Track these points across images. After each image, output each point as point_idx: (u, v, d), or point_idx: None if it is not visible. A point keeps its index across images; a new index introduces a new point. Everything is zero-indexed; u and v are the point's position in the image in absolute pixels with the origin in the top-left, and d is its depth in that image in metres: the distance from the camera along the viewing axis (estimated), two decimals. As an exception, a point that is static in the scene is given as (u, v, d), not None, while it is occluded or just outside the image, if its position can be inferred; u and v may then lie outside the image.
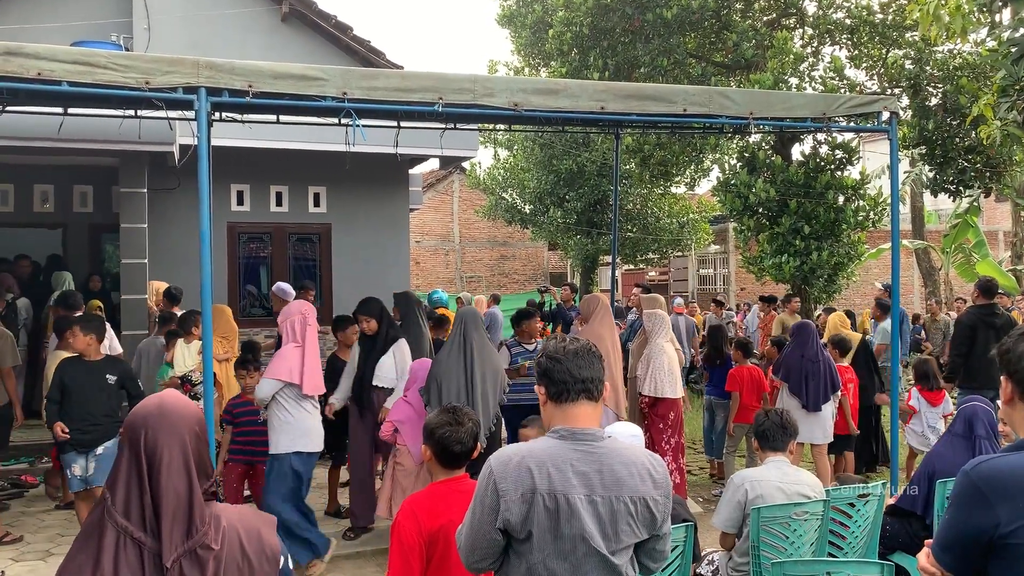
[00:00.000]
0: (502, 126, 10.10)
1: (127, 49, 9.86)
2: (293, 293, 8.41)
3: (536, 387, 2.44)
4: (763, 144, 12.86)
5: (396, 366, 6.18)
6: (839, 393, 7.22)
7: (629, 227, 20.16)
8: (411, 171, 11.94)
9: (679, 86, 8.01)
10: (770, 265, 12.07)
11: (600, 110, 5.36)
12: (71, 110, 6.15)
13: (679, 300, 14.37)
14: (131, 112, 6.37)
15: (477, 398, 5.50)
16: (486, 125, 10.90)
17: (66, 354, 6.25)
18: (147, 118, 6.67)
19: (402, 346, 6.29)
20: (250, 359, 6.51)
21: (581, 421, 2.33)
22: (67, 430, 5.69)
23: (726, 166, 13.84)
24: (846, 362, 7.91)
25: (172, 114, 6.44)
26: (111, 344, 7.29)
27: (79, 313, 7.29)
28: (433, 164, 14.64)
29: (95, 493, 5.68)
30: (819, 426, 6.97)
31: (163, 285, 8.62)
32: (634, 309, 10.96)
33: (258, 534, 1.91)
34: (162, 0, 10.18)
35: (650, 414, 6.70)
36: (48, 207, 10.89)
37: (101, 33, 9.88)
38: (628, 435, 3.37)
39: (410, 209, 11.99)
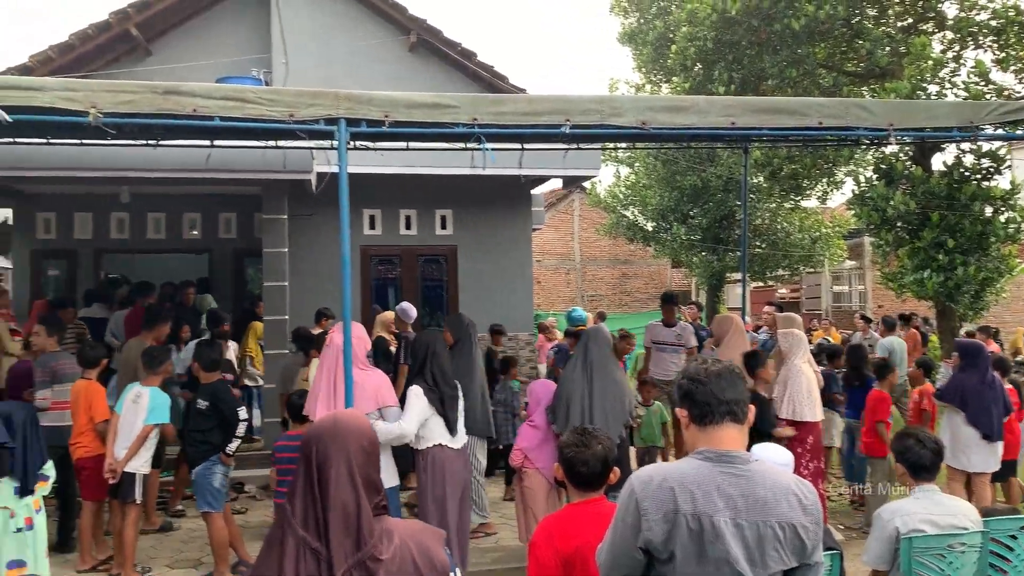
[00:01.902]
0: (623, 144, 10.06)
1: (267, 83, 10.43)
2: (414, 315, 8.58)
3: (677, 410, 2.41)
4: (901, 155, 12.27)
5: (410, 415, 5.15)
6: (1011, 416, 6.77)
7: (757, 243, 19.61)
8: (533, 191, 12.05)
9: (813, 99, 7.76)
10: (911, 281, 11.46)
11: (730, 125, 5.26)
12: (217, 142, 6.52)
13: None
14: (272, 143, 6.74)
15: (596, 418, 5.43)
16: (609, 143, 10.88)
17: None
18: (287, 148, 7.05)
19: (410, 396, 5.17)
20: None
21: (726, 444, 2.29)
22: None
23: (861, 178, 13.26)
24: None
25: (310, 144, 6.78)
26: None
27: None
28: (554, 184, 14.74)
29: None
30: (994, 454, 6.49)
31: (391, 315, 8.78)
32: (764, 328, 10.63)
33: (428, 549, 1.96)
34: (298, 35, 10.72)
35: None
36: (195, 234, 11.61)
37: (243, 68, 10.50)
38: (777, 461, 3.26)
39: (532, 229, 12.10)
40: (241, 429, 5.87)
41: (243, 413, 5.95)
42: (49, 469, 5.18)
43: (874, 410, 7.08)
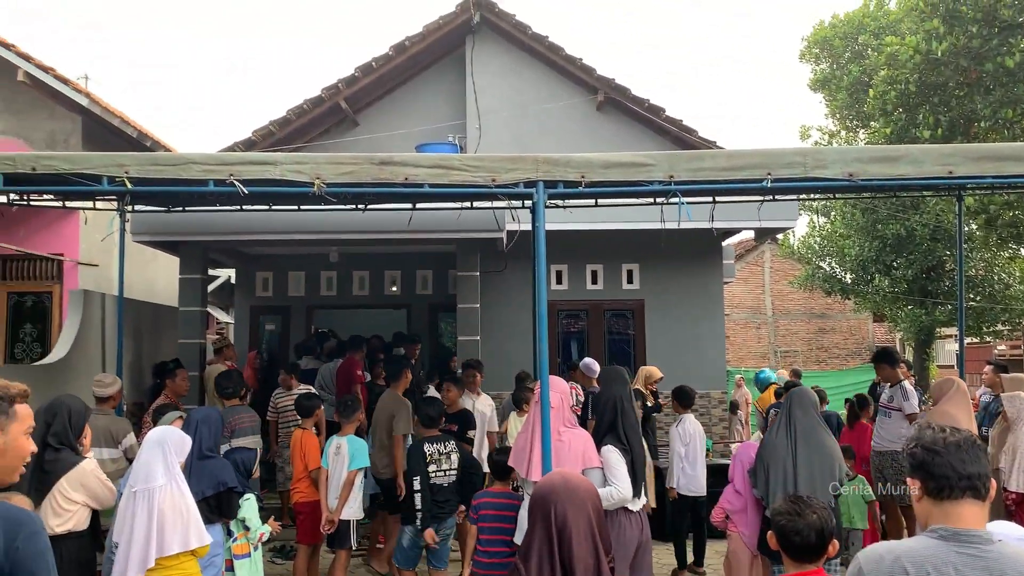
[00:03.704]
0: (818, 195, 9.66)
1: (461, 147, 10.95)
2: (597, 370, 8.53)
3: (910, 480, 2.25)
4: None
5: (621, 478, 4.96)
6: None
7: (972, 295, 18.12)
8: (723, 243, 11.80)
9: (1040, 141, 7.14)
10: None
11: (948, 175, 4.92)
12: (419, 205, 6.88)
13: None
14: (467, 204, 7.04)
15: (801, 485, 5.10)
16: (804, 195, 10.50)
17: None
18: (481, 208, 7.33)
19: (611, 457, 4.97)
20: None
21: (965, 521, 2.12)
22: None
23: (1095, 224, 12.01)
24: None
25: (501, 204, 7.02)
26: None
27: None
28: (743, 234, 14.34)
29: None
30: None
31: (655, 371, 8.72)
32: (986, 389, 9.71)
33: None
34: (490, 100, 11.21)
35: (1018, 512, 5.84)
36: (395, 290, 12.26)
37: (439, 134, 11.10)
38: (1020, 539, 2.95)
39: (723, 282, 11.81)
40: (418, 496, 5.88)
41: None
42: (255, 520, 5.28)
43: None
